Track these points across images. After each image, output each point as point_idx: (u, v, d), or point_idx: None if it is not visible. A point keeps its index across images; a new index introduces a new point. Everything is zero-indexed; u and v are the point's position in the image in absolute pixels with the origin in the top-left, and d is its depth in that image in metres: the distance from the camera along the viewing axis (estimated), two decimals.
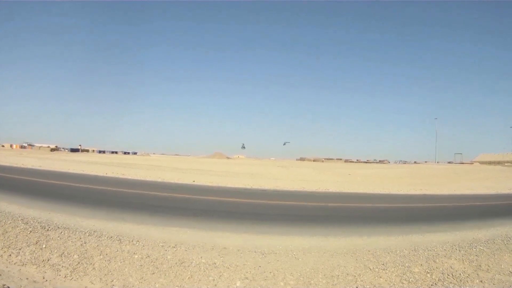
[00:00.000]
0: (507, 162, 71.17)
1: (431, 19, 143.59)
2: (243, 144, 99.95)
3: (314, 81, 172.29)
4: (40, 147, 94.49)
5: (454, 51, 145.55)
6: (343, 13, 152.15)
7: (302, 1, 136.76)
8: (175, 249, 6.42)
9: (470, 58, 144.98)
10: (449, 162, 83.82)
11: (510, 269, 6.01)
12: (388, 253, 6.70)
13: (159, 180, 21.25)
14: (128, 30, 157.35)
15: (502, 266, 6.13)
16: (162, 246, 6.56)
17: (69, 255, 5.77)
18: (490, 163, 72.96)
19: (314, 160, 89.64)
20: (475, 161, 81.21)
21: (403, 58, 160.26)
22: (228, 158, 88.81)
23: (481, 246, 7.36)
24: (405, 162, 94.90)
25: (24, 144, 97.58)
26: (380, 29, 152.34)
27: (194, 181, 21.16)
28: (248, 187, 19.49)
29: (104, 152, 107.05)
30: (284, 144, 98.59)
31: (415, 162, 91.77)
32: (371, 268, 5.85)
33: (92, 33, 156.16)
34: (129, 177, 22.09)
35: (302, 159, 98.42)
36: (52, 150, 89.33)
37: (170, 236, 7.39)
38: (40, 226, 7.30)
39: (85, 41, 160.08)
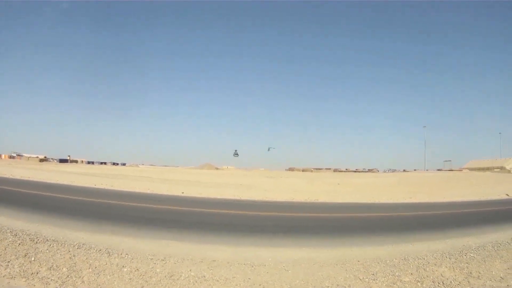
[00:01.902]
0: (496, 168, 72.24)
1: (418, 24, 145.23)
2: (236, 151, 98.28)
3: (301, 90, 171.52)
4: (29, 157, 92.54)
5: (442, 57, 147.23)
6: (329, 21, 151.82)
7: (289, 4, 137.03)
8: (164, 262, 6.35)
9: (459, 64, 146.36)
10: (438, 170, 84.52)
11: (501, 275, 6.06)
12: (378, 263, 6.73)
13: (148, 191, 21.03)
14: (118, 41, 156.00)
15: (493, 273, 6.19)
16: (151, 259, 6.49)
17: (58, 268, 5.68)
18: (479, 169, 73.88)
19: (303, 170, 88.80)
20: (464, 168, 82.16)
21: (392, 64, 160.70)
22: (217, 169, 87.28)
23: (471, 253, 7.45)
24: (394, 171, 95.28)
25: (13, 154, 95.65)
26: (369, 36, 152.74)
27: (183, 193, 20.96)
28: (238, 198, 19.39)
29: (93, 163, 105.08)
30: (269, 149, 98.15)
31: (404, 170, 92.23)
32: (361, 278, 5.86)
33: (80, 44, 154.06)
34: (118, 189, 21.82)
35: (291, 169, 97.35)
36: (41, 160, 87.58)
37: (159, 249, 7.31)
38: (29, 238, 7.22)
39: (75, 52, 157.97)
